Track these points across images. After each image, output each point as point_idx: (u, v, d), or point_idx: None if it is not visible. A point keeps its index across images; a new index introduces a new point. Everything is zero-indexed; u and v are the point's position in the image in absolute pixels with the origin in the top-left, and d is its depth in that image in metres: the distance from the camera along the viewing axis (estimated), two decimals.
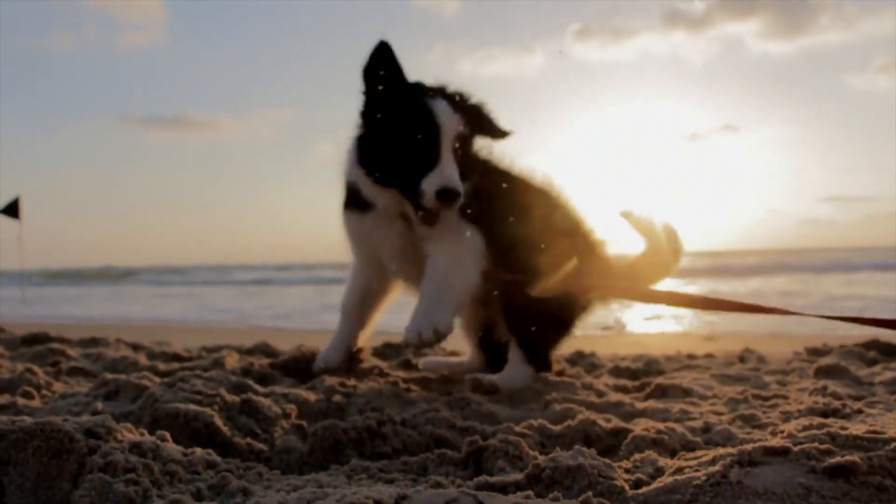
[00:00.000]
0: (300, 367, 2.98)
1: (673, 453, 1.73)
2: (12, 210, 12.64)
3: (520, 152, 2.77)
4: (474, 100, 2.55)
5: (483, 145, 2.64)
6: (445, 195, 2.31)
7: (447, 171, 2.33)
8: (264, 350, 3.64)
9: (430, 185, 2.32)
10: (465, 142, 2.47)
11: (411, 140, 2.37)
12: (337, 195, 2.79)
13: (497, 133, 2.60)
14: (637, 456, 1.62)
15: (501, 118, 2.58)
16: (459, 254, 2.54)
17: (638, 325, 7.90)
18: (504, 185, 2.65)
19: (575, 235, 2.76)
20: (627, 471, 1.51)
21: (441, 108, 2.39)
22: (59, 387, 2.60)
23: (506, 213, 2.61)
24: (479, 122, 2.54)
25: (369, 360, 3.35)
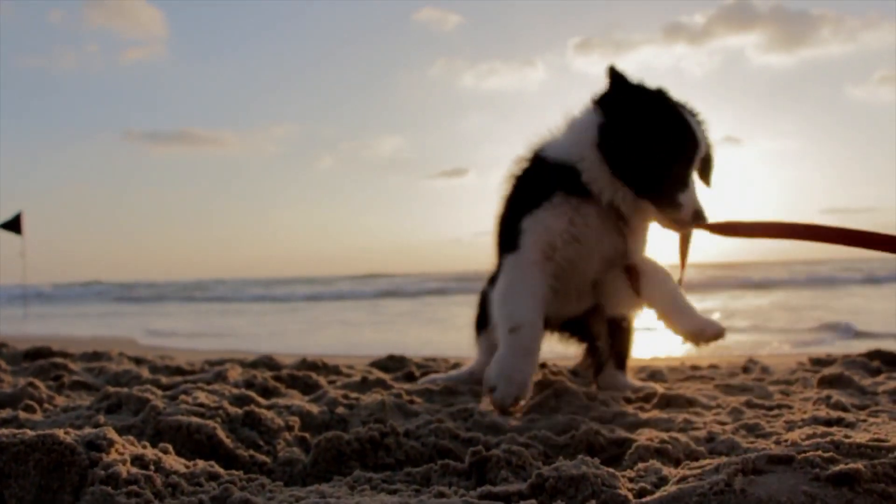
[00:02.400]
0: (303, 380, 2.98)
1: (677, 463, 1.72)
2: (14, 226, 12.68)
3: None
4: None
5: None
6: (700, 216, 2.38)
7: (698, 195, 2.41)
8: (267, 363, 3.64)
9: (688, 201, 2.37)
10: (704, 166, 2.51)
11: (676, 155, 2.37)
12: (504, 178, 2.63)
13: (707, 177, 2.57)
14: (641, 465, 1.61)
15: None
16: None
17: (641, 336, 7.86)
18: None
19: None
20: (631, 480, 1.50)
21: (700, 130, 2.44)
22: (61, 401, 2.59)
23: None
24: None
25: (372, 373, 3.35)
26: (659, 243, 2.67)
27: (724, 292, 17.49)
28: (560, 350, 3.16)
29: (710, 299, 14.47)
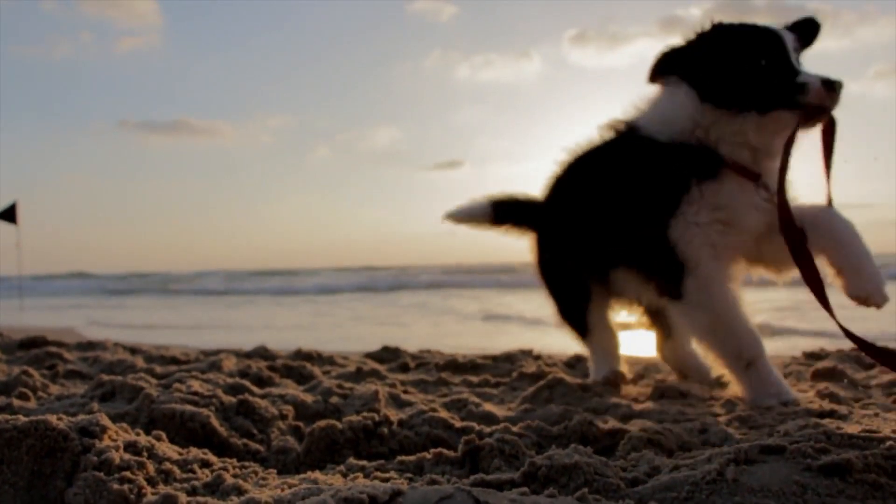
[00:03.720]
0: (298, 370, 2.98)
1: (670, 453, 1.72)
2: (10, 215, 12.63)
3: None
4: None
5: None
6: (831, 84, 2.17)
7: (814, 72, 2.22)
8: (262, 354, 3.64)
9: (810, 78, 2.20)
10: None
11: (767, 59, 2.24)
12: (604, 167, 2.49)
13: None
14: (634, 455, 1.62)
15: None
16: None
17: (636, 329, 7.87)
18: None
19: None
20: (624, 469, 1.50)
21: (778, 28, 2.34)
22: (55, 389, 2.59)
23: None
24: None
25: (367, 364, 3.35)
26: None
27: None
28: (558, 345, 3.16)
29: None
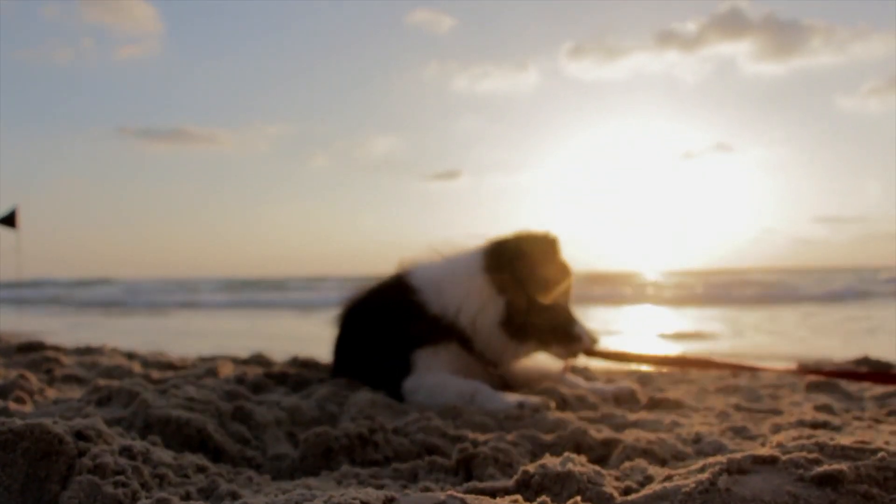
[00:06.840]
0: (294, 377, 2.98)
1: (663, 463, 1.73)
2: (10, 220, 12.63)
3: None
4: None
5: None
6: (596, 342, 2.87)
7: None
8: (259, 360, 3.65)
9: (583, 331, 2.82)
10: None
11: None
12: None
13: None
14: (627, 464, 1.62)
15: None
16: None
17: (633, 342, 7.88)
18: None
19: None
20: (617, 478, 1.51)
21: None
22: (52, 393, 2.59)
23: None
24: None
25: None
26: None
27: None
28: None
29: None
